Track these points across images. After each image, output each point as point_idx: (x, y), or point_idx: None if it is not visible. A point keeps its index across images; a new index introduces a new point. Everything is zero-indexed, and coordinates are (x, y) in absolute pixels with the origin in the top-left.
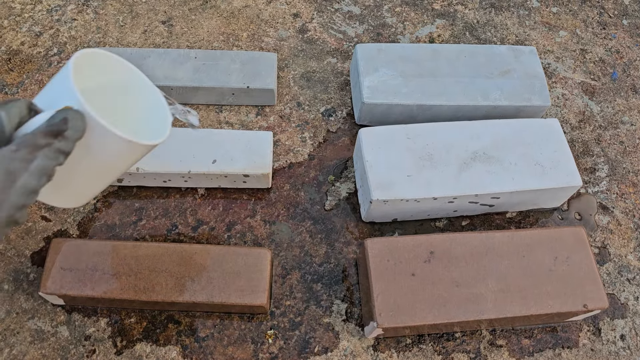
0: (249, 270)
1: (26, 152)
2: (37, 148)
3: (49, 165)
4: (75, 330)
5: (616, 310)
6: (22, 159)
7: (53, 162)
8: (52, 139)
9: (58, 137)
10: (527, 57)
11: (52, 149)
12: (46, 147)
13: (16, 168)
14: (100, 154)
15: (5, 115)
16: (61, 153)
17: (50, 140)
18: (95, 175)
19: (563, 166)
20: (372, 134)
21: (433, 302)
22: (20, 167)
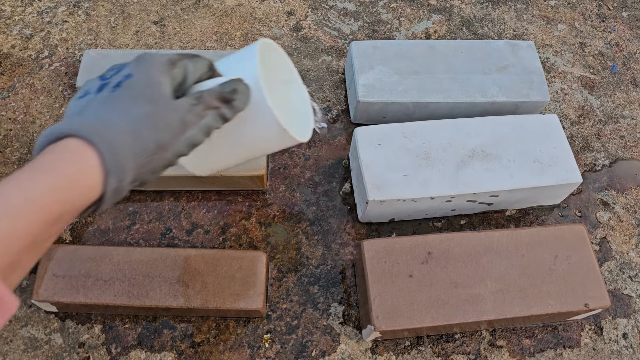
0: (244, 274)
1: (201, 108)
2: (209, 108)
3: (212, 125)
4: (69, 337)
5: (618, 308)
6: (197, 114)
7: (216, 124)
8: (221, 104)
9: (226, 104)
10: (525, 51)
11: (218, 112)
12: (215, 109)
13: (190, 120)
14: (251, 131)
15: (191, 68)
16: (223, 118)
17: (220, 104)
18: (235, 149)
19: (563, 162)
20: (368, 132)
21: (431, 303)
22: (193, 120)
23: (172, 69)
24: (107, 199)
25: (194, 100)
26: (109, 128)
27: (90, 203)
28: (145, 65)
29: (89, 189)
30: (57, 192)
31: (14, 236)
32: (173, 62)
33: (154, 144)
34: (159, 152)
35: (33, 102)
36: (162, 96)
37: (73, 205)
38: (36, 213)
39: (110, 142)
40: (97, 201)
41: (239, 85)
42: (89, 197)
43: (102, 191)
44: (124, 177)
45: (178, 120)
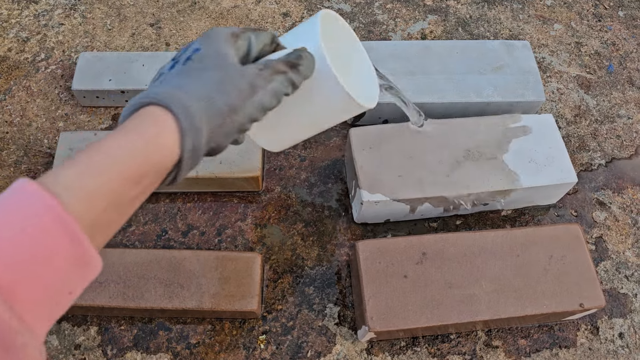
0: (239, 275)
1: (268, 72)
2: (276, 72)
3: (281, 90)
4: (64, 339)
5: (614, 308)
6: (264, 78)
7: (285, 89)
8: (288, 68)
9: (293, 69)
10: (520, 51)
11: (287, 77)
12: (282, 74)
13: (258, 84)
14: (316, 99)
15: (254, 40)
16: (291, 84)
17: (286, 69)
18: (303, 120)
19: (558, 162)
20: (363, 133)
21: (426, 304)
22: (261, 84)
23: (237, 41)
24: (185, 161)
25: (261, 65)
26: (184, 94)
27: (171, 166)
28: (211, 38)
29: (168, 150)
30: (137, 152)
31: (98, 194)
32: (237, 35)
33: (226, 107)
34: (231, 114)
35: (29, 105)
36: (230, 64)
37: (154, 166)
38: (118, 171)
39: (185, 106)
40: (177, 164)
41: (303, 52)
42: (168, 159)
43: (179, 152)
44: (199, 138)
45: (247, 84)
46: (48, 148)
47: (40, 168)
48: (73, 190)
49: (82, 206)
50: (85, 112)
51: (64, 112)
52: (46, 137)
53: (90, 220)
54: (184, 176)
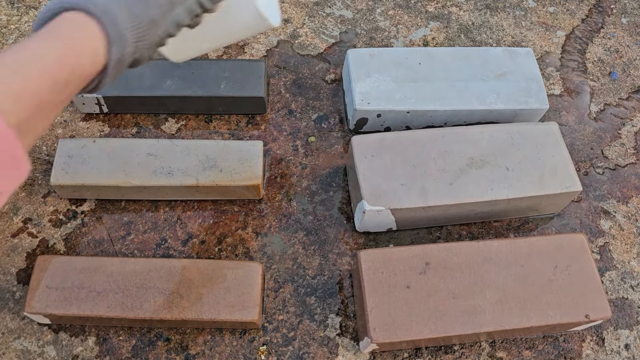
0: (240, 284)
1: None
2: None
3: (194, 9)
4: (62, 350)
5: (620, 319)
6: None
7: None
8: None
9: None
10: (523, 58)
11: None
12: None
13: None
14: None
15: None
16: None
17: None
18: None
19: (562, 171)
20: (365, 141)
21: (429, 315)
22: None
23: None
24: (111, 70)
25: None
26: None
27: (95, 73)
28: None
29: (93, 56)
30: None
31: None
32: None
33: (146, 19)
34: (151, 27)
35: None
36: None
37: (79, 72)
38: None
39: (110, 14)
40: (101, 72)
41: None
42: (93, 66)
43: (105, 61)
44: (125, 47)
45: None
46: (47, 155)
47: (39, 175)
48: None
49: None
50: (84, 119)
51: (62, 118)
52: (45, 144)
53: (15, 119)
54: (106, 85)
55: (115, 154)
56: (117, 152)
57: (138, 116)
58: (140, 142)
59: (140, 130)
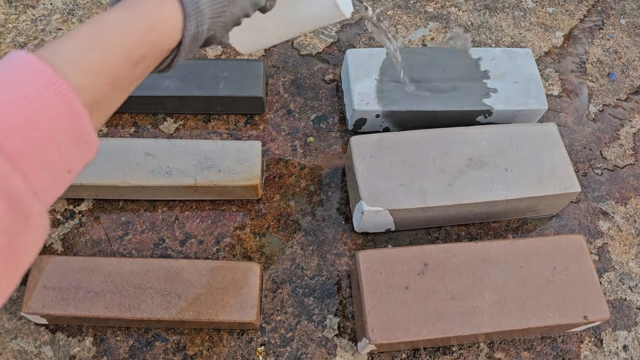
0: (238, 285)
1: None
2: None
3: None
4: (59, 350)
5: (618, 320)
6: None
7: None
8: None
9: None
10: (522, 59)
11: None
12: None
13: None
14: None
15: None
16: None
17: None
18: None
19: (561, 172)
20: (363, 142)
21: (428, 316)
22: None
23: None
24: (185, 45)
25: None
26: None
27: (170, 49)
28: None
29: (170, 31)
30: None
31: (100, 70)
32: None
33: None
34: (230, 4)
35: None
36: None
37: (156, 48)
38: (121, 49)
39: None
40: (176, 48)
41: None
42: (170, 41)
43: (181, 35)
44: (202, 23)
45: None
46: None
47: None
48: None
49: (84, 81)
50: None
51: None
52: None
53: (90, 97)
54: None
55: (113, 153)
56: (115, 152)
57: (136, 116)
58: (139, 141)
59: (139, 130)
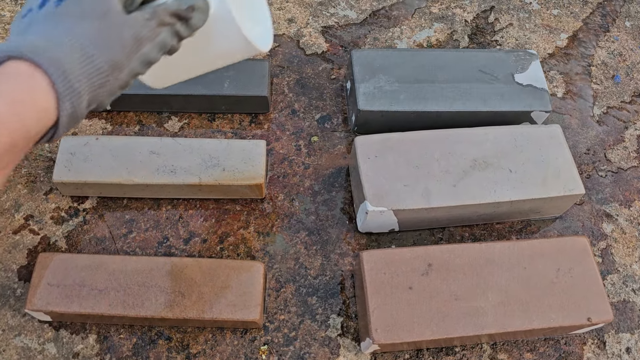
0: (241, 284)
1: (155, 23)
2: (164, 24)
3: (168, 42)
4: (63, 347)
5: (621, 322)
6: (151, 30)
7: (171, 41)
8: (177, 20)
9: (182, 21)
10: (527, 61)
11: (173, 30)
12: (169, 26)
13: (144, 36)
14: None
15: None
16: (178, 36)
17: (175, 21)
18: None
19: (565, 174)
20: (368, 142)
21: (431, 316)
22: (148, 36)
23: None
24: (63, 125)
25: (147, 14)
26: (56, 47)
27: (46, 129)
28: None
29: (43, 114)
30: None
31: None
32: None
33: (107, 64)
34: (113, 72)
35: None
36: (112, 10)
37: (27, 133)
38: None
39: (59, 63)
40: (53, 127)
41: (197, 1)
42: (43, 124)
43: (56, 116)
44: (79, 101)
45: (132, 36)
46: (49, 152)
47: (41, 172)
48: None
49: None
50: (86, 116)
51: None
52: None
53: None
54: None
55: (118, 151)
56: (120, 150)
57: (141, 114)
58: (143, 140)
59: (143, 129)
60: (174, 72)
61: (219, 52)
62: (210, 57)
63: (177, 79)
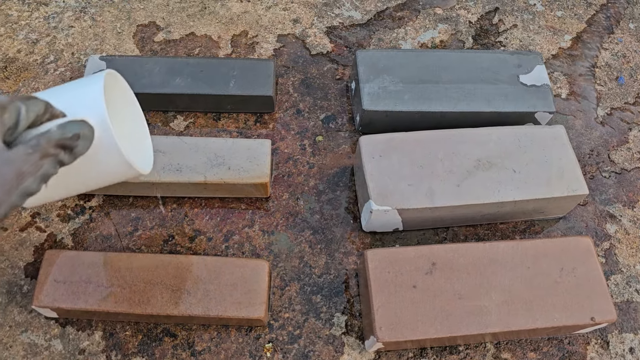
0: (247, 282)
1: (38, 156)
2: (46, 156)
3: (50, 174)
4: (69, 343)
5: (625, 322)
6: (33, 164)
7: (54, 171)
8: (60, 150)
9: (67, 150)
10: (531, 62)
11: (56, 160)
12: (52, 157)
13: (26, 171)
14: (94, 168)
15: (24, 111)
16: (61, 164)
17: (59, 151)
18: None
19: (569, 174)
20: (373, 142)
21: (435, 315)
22: (30, 171)
23: (2, 114)
24: None
25: (29, 149)
26: None
27: None
28: None
29: None
30: None
31: None
32: (3, 107)
33: None
34: None
35: None
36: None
37: None
38: None
39: None
40: None
41: (82, 128)
42: None
43: None
44: None
45: (13, 173)
46: None
47: None
48: None
49: None
50: None
51: None
52: None
53: None
54: None
55: None
56: None
57: (147, 113)
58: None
59: (149, 127)
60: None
61: (99, 175)
62: (88, 179)
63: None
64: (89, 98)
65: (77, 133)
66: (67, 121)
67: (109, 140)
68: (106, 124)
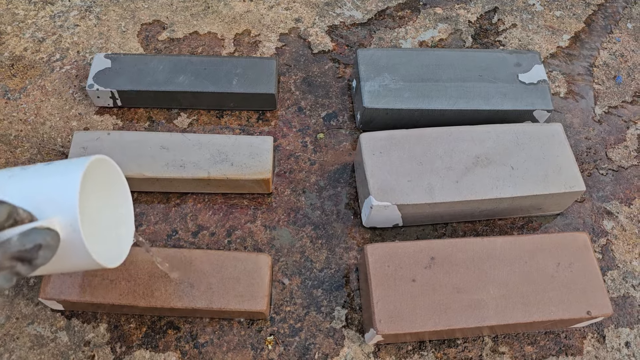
0: (249, 275)
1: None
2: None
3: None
4: (74, 335)
5: (621, 317)
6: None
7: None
8: (18, 262)
9: (25, 262)
10: (530, 61)
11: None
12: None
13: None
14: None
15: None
16: (19, 276)
17: (16, 263)
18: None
19: (566, 171)
20: (373, 138)
21: (434, 308)
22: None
23: None
24: None
25: None
26: None
27: None
28: None
29: None
30: None
31: None
32: None
33: None
34: None
35: (44, 104)
36: None
37: None
38: None
39: None
40: None
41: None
42: None
43: None
44: None
45: None
46: (61, 147)
47: None
48: None
49: None
50: (98, 112)
51: (77, 111)
52: (60, 136)
53: None
54: None
55: (129, 146)
56: (131, 145)
57: (151, 110)
58: (154, 135)
59: (153, 125)
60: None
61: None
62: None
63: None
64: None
65: (39, 244)
66: (30, 228)
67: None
68: (76, 225)
